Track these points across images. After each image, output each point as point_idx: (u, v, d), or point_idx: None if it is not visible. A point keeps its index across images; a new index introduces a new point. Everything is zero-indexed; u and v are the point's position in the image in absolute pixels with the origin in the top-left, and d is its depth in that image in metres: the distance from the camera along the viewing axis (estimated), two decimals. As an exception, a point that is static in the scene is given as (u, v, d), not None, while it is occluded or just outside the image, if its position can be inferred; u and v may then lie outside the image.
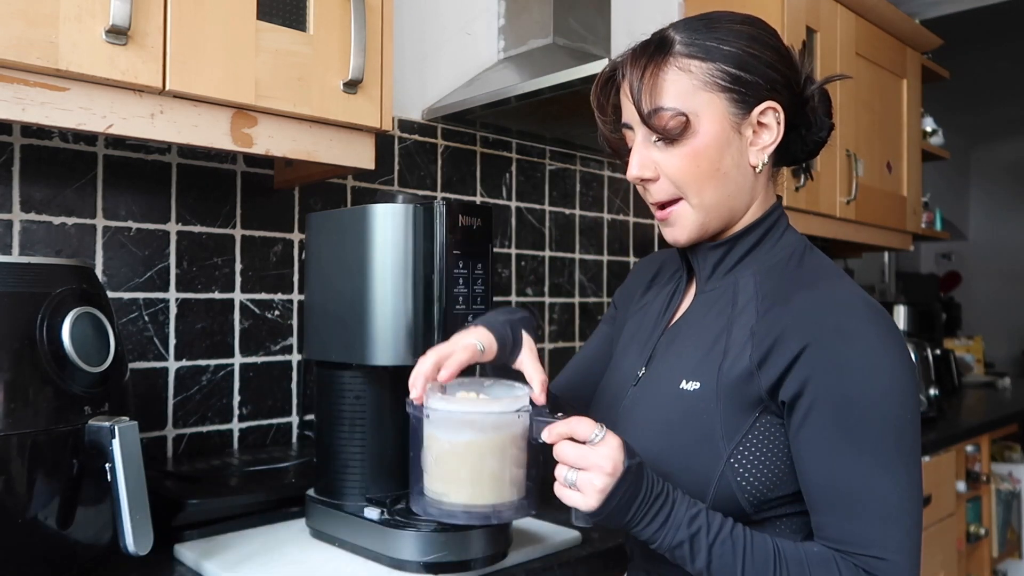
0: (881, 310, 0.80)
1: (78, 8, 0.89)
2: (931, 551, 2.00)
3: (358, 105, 1.15)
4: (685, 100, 0.83)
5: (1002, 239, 5.95)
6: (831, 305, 0.78)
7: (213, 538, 1.05)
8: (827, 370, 0.76)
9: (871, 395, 0.75)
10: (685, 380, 0.84)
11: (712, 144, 0.83)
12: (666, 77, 0.84)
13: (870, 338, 0.76)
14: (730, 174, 0.85)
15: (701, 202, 0.85)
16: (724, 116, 0.83)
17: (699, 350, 0.85)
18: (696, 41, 0.84)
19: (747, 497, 0.79)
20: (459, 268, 0.96)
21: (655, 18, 2.21)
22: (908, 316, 2.97)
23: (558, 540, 1.07)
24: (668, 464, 0.81)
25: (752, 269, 0.87)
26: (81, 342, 0.82)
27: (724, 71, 0.83)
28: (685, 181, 0.84)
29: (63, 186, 1.20)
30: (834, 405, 0.75)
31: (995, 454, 2.66)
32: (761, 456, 0.79)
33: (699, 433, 0.81)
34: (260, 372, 1.41)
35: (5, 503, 0.77)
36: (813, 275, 0.84)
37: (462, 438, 0.79)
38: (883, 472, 0.75)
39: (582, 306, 2.00)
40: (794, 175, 1.05)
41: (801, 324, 0.78)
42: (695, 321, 0.90)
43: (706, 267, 0.90)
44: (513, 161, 1.84)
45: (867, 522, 0.75)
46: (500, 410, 0.80)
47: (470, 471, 0.79)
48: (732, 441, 0.79)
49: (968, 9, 3.56)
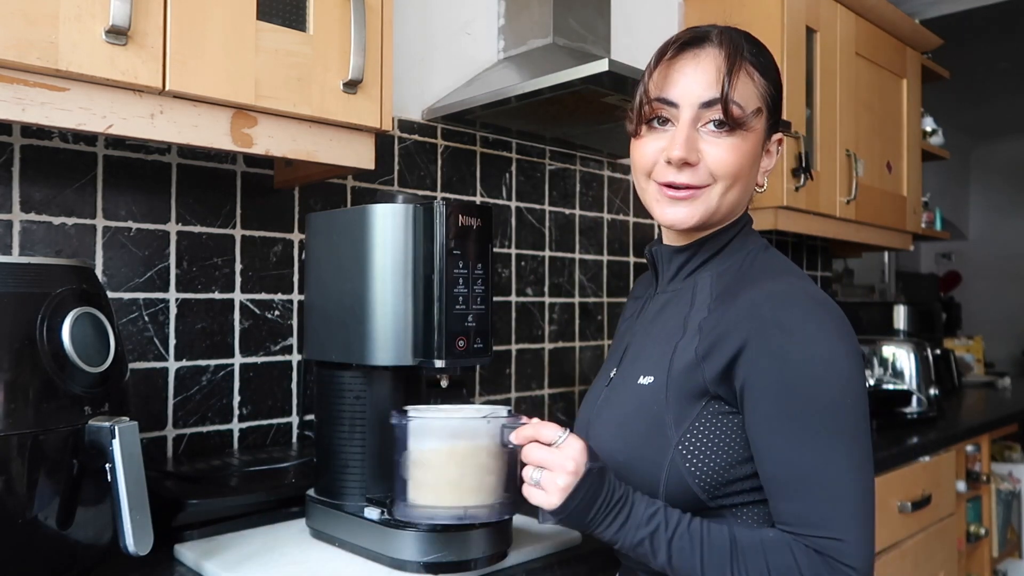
0: (824, 302, 0.83)
1: (78, 8, 0.89)
2: (931, 551, 2.00)
3: (358, 105, 1.15)
4: (750, 102, 0.88)
5: (1002, 239, 5.95)
6: (772, 299, 0.82)
7: (213, 538, 1.05)
8: (767, 361, 0.79)
9: (810, 382, 0.78)
10: (642, 375, 0.89)
11: (753, 150, 0.89)
12: (742, 75, 0.88)
13: (807, 328, 0.80)
14: (748, 184, 0.91)
15: (725, 193, 0.89)
16: (762, 132, 0.90)
17: (657, 347, 0.91)
18: (756, 55, 0.90)
19: (698, 483, 0.83)
20: (459, 268, 0.96)
21: (655, 18, 2.21)
22: (908, 316, 2.97)
23: (558, 540, 1.07)
24: (625, 454, 0.87)
25: (711, 271, 0.92)
26: (81, 342, 0.82)
27: (771, 93, 0.90)
28: (726, 172, 0.88)
29: (63, 186, 1.20)
30: (776, 394, 0.79)
31: (995, 454, 2.66)
32: (708, 443, 0.83)
33: (651, 423, 0.86)
34: (260, 372, 1.41)
35: (5, 503, 0.77)
36: (761, 273, 0.88)
37: (435, 446, 0.86)
38: (829, 454, 0.78)
39: (582, 306, 2.00)
40: (794, 175, 1.09)
41: (743, 318, 0.82)
42: (657, 320, 0.95)
43: (671, 269, 0.96)
44: (513, 161, 1.84)
45: (817, 504, 0.78)
46: (468, 416, 0.87)
47: (445, 476, 0.85)
48: (680, 429, 0.84)
49: (968, 9, 3.56)
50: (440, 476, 0.85)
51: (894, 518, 1.83)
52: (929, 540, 1.99)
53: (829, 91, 2.20)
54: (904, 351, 2.28)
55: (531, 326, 1.87)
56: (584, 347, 2.00)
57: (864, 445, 0.80)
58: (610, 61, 1.34)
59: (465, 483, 0.85)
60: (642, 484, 0.85)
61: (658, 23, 2.22)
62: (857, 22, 2.33)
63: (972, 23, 3.77)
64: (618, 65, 1.34)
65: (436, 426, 0.86)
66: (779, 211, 2.02)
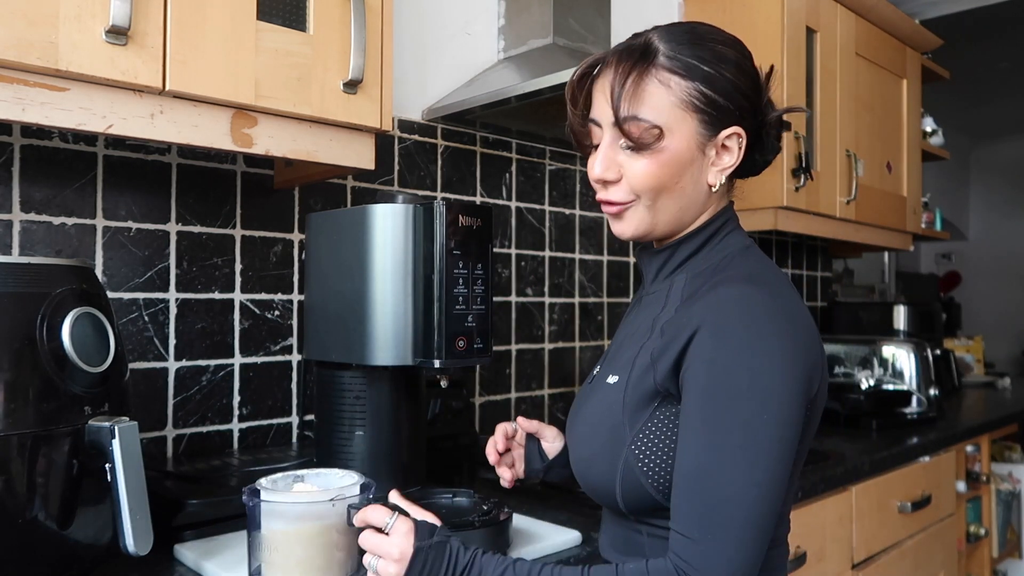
0: (778, 315, 0.80)
1: (78, 8, 0.89)
2: (931, 551, 2.00)
3: (358, 105, 1.15)
4: (660, 114, 0.84)
5: (1002, 239, 5.95)
6: (721, 304, 0.80)
7: (213, 538, 1.05)
8: (699, 364, 0.79)
9: (731, 389, 0.77)
10: (611, 375, 0.90)
11: (677, 160, 0.85)
12: (646, 87, 0.85)
13: (744, 337, 0.78)
14: (686, 189, 0.87)
15: (654, 207, 0.88)
16: (692, 135, 0.85)
17: (628, 348, 0.91)
18: (680, 56, 0.85)
19: (651, 483, 0.83)
20: (459, 268, 0.96)
21: (655, 18, 2.21)
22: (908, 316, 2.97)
23: (558, 540, 1.07)
24: (589, 448, 0.88)
25: (687, 273, 0.90)
26: (81, 342, 0.82)
27: (701, 92, 0.84)
28: (645, 188, 0.87)
29: (63, 186, 1.20)
30: (699, 396, 0.78)
31: (995, 454, 2.66)
32: (660, 444, 0.83)
33: (611, 421, 0.86)
34: (260, 372, 1.41)
35: (5, 503, 0.77)
36: (726, 276, 0.85)
37: (283, 527, 0.86)
38: (728, 463, 0.76)
39: (582, 306, 2.00)
40: (794, 175, 1.07)
41: (692, 321, 0.81)
42: (635, 320, 0.95)
43: (651, 271, 0.95)
44: (513, 161, 1.84)
45: (694, 501, 0.77)
46: (310, 500, 0.86)
47: (293, 557, 0.86)
48: (633, 429, 0.84)
49: (968, 9, 3.56)
50: (289, 557, 0.86)
51: (894, 518, 1.83)
52: (929, 540, 1.99)
53: (829, 91, 2.20)
54: (904, 351, 2.28)
55: (531, 326, 1.87)
56: (584, 347, 2.00)
57: (771, 467, 0.76)
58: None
59: (314, 563, 0.86)
60: (600, 483, 0.86)
61: (658, 23, 2.22)
62: (857, 22, 2.33)
63: (972, 23, 3.77)
64: (618, 65, 1.34)
65: (282, 509, 0.86)
66: (779, 211, 2.02)
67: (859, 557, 1.70)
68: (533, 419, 1.07)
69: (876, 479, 1.76)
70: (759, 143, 0.92)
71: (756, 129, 0.90)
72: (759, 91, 0.89)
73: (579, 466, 0.91)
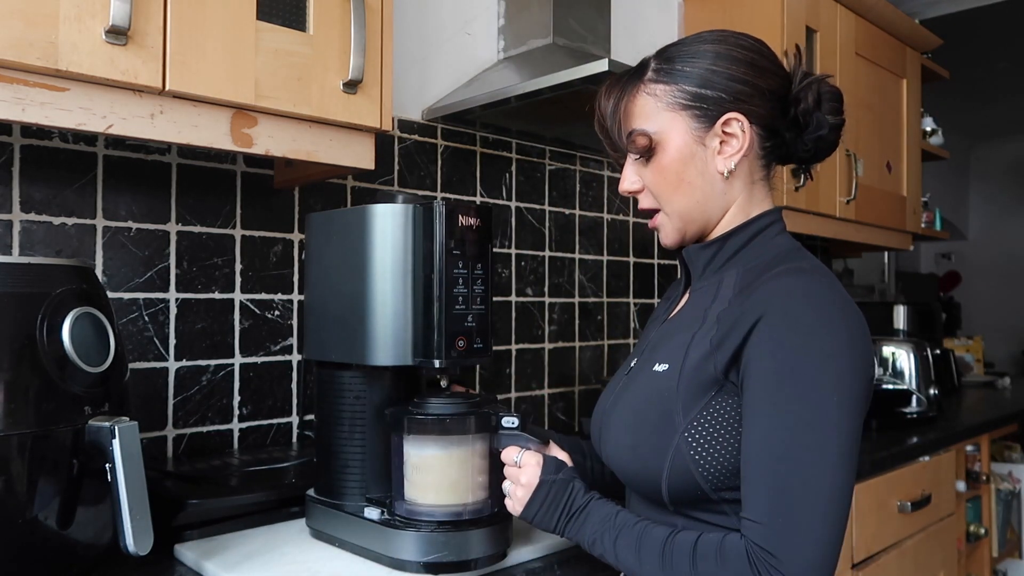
0: (843, 305, 0.83)
1: (78, 8, 0.89)
2: (931, 551, 2.00)
3: (358, 105, 1.15)
4: (650, 121, 0.92)
5: (1002, 239, 5.95)
6: (787, 292, 0.82)
7: (213, 538, 1.05)
8: (767, 346, 0.80)
9: (801, 372, 0.78)
10: (659, 363, 0.91)
11: (676, 158, 0.91)
12: (635, 103, 0.93)
13: (813, 323, 0.80)
14: (695, 183, 0.92)
15: (673, 210, 0.94)
16: (686, 131, 0.91)
17: (676, 337, 0.92)
18: (663, 66, 0.92)
19: (702, 472, 0.83)
20: (459, 268, 0.96)
21: (655, 18, 2.21)
22: (908, 316, 2.97)
23: (558, 540, 1.07)
24: (633, 436, 0.89)
25: (737, 268, 0.92)
26: (81, 342, 0.82)
27: (684, 91, 0.90)
28: (658, 192, 0.94)
29: (63, 186, 1.20)
30: (767, 378, 0.79)
31: (995, 454, 2.66)
32: (715, 433, 0.83)
33: (661, 409, 0.87)
34: (260, 372, 1.41)
35: (5, 503, 0.77)
36: (785, 268, 0.87)
37: (431, 452, 0.95)
38: (801, 446, 0.77)
39: (582, 306, 2.00)
40: (794, 175, 1.08)
41: (755, 309, 0.82)
42: (682, 313, 0.97)
43: (698, 266, 0.97)
44: (513, 161, 1.84)
45: (769, 487, 0.77)
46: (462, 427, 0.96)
47: (438, 478, 0.96)
48: (688, 416, 0.84)
49: (968, 9, 3.56)
50: (433, 478, 0.96)
51: (894, 518, 1.83)
52: (929, 540, 1.99)
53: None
54: (904, 351, 2.28)
55: (531, 326, 1.87)
56: (584, 347, 2.00)
57: (844, 448, 0.77)
58: (610, 61, 1.34)
59: (456, 484, 0.96)
60: (646, 471, 0.86)
61: (658, 23, 2.22)
62: (857, 22, 2.33)
63: (972, 23, 3.77)
64: (618, 65, 1.34)
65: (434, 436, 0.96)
66: (779, 211, 2.01)
67: (859, 557, 1.70)
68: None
69: (876, 479, 1.76)
70: (793, 122, 0.94)
71: (778, 110, 0.92)
72: (765, 74, 0.91)
73: (618, 453, 0.91)
